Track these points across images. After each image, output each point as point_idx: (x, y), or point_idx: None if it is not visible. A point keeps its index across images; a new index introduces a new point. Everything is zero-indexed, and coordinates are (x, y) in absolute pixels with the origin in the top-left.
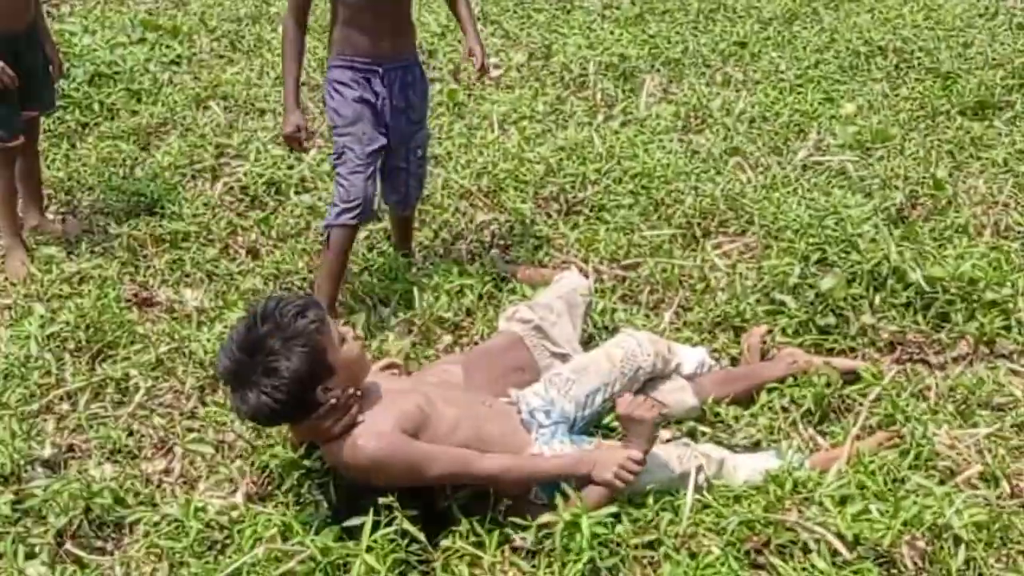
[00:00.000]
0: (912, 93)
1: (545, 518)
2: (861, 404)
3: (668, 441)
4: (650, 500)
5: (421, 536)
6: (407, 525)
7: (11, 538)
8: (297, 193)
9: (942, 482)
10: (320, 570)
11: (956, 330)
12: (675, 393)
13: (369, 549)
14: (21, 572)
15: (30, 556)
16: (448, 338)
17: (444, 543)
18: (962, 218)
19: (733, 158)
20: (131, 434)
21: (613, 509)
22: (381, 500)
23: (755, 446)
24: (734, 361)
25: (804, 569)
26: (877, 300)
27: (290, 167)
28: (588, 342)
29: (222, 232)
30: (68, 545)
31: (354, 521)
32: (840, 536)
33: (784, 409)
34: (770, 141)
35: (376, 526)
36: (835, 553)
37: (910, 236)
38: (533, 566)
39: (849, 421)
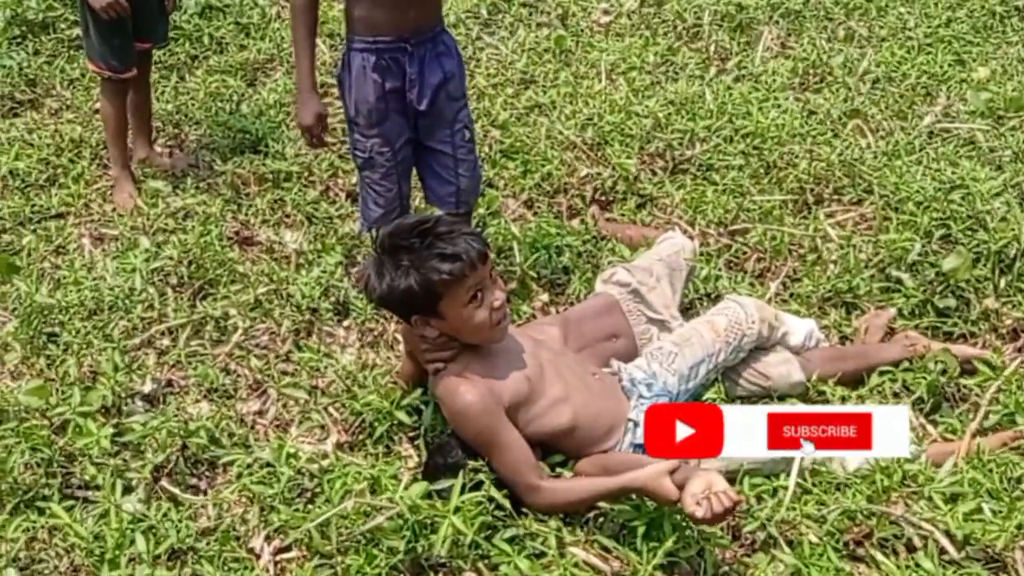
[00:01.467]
0: None
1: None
2: (979, 395)
3: None
4: (747, 484)
5: (507, 503)
6: (494, 492)
7: (110, 471)
8: None
9: None
10: (408, 528)
11: None
12: (780, 366)
13: (456, 510)
14: (118, 507)
15: (127, 490)
16: (545, 296)
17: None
18: None
19: (853, 121)
20: (228, 373)
21: None
22: (471, 464)
23: None
24: (844, 340)
25: (908, 567)
26: (1003, 283)
27: None
28: (688, 309)
29: (323, 174)
30: (164, 482)
31: (442, 484)
32: (949, 535)
33: (895, 395)
34: (894, 104)
35: (462, 488)
36: (941, 552)
37: None
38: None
39: (966, 412)
